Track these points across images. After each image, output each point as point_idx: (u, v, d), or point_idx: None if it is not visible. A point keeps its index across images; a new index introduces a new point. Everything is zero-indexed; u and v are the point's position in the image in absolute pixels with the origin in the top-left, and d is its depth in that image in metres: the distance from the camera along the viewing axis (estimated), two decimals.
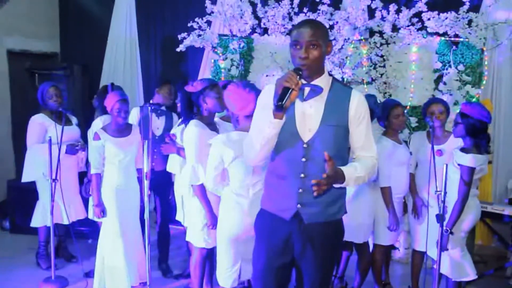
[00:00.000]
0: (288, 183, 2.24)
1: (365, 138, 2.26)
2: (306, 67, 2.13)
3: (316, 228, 2.26)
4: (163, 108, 4.28)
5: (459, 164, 3.22)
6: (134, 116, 4.23)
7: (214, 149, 2.92)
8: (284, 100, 2.03)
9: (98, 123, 4.12)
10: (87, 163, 4.44)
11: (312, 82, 2.20)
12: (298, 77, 2.07)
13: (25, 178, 4.43)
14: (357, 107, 2.21)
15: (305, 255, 2.30)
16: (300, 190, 2.21)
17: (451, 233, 3.22)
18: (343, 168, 2.13)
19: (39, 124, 4.32)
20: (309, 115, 2.20)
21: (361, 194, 3.64)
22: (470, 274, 3.43)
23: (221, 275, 3.06)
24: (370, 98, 3.68)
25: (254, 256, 2.45)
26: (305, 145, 2.19)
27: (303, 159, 2.19)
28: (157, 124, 4.30)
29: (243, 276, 3.08)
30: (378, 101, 3.72)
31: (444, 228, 3.17)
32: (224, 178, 3.01)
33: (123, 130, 3.79)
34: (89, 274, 4.12)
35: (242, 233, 2.91)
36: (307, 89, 2.20)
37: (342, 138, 2.24)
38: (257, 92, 2.80)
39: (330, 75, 2.30)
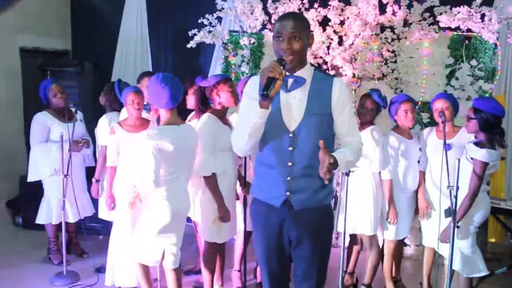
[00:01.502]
0: (276, 171, 2.32)
1: (349, 124, 2.34)
2: (290, 58, 2.19)
3: (307, 214, 2.34)
4: None
5: (472, 158, 3.18)
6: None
7: (148, 148, 2.98)
8: (269, 90, 2.09)
9: (104, 120, 4.14)
10: (94, 156, 4.47)
11: (295, 74, 2.28)
12: (281, 67, 2.13)
13: (31, 178, 4.47)
14: (339, 94, 2.29)
15: (301, 244, 2.38)
16: (289, 178, 2.29)
17: (457, 226, 3.19)
18: (334, 154, 2.19)
19: (42, 123, 4.33)
20: (293, 106, 2.28)
21: (369, 186, 3.64)
22: (481, 270, 3.39)
23: (141, 255, 3.22)
24: (374, 92, 3.68)
25: (255, 242, 2.54)
26: (291, 135, 2.27)
27: (290, 148, 2.28)
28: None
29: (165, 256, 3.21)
30: (383, 95, 3.70)
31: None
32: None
33: (139, 125, 3.78)
34: (100, 270, 4.15)
35: (169, 219, 3.10)
36: (290, 81, 2.28)
37: (327, 126, 2.32)
38: (175, 87, 3.02)
39: (312, 65, 2.38)
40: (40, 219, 4.47)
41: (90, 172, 4.49)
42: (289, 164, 2.28)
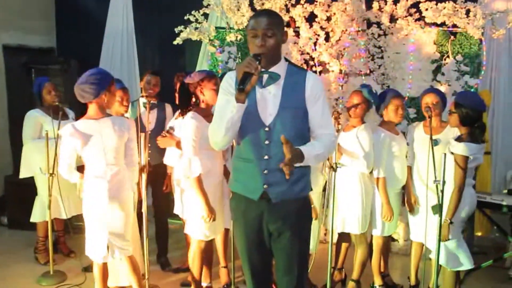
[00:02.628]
0: (253, 165, 2.36)
1: (321, 116, 2.37)
2: (264, 55, 2.23)
3: (285, 206, 2.37)
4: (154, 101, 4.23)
5: (452, 153, 3.21)
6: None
7: (66, 139, 3.15)
8: (245, 84, 2.12)
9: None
10: None
11: (270, 70, 2.32)
12: (257, 62, 2.15)
13: (23, 174, 4.45)
14: (312, 87, 2.34)
15: (280, 237, 2.41)
16: (265, 171, 2.34)
17: (451, 222, 3.22)
18: (301, 147, 2.23)
19: (35, 120, 4.32)
20: (269, 100, 2.33)
21: (357, 185, 3.64)
22: (467, 263, 3.42)
23: (90, 250, 3.26)
24: (364, 87, 3.68)
25: (236, 236, 2.58)
26: (266, 129, 2.32)
27: (266, 142, 2.32)
28: (149, 117, 4.24)
29: (111, 249, 3.25)
30: (374, 91, 3.70)
31: (444, 218, 3.17)
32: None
33: None
34: (88, 269, 4.11)
35: (105, 210, 3.19)
36: (265, 76, 2.32)
37: (301, 119, 2.36)
38: (96, 83, 3.08)
39: (287, 60, 2.42)
40: (34, 217, 4.44)
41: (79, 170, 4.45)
42: (266, 157, 2.33)
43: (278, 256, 2.47)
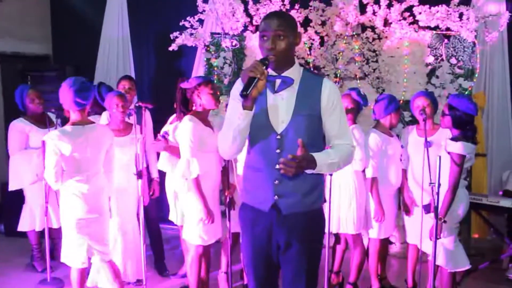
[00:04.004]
0: (264, 175, 2.25)
1: (339, 127, 2.26)
2: (274, 58, 2.14)
3: (296, 218, 2.25)
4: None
5: (449, 152, 3.24)
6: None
7: (50, 145, 3.14)
8: (249, 90, 2.03)
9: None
10: None
11: (283, 74, 2.21)
12: (264, 66, 2.07)
13: (12, 186, 4.40)
14: (329, 95, 2.22)
15: (289, 248, 2.29)
16: (276, 182, 2.21)
17: (444, 221, 3.24)
18: (315, 154, 2.13)
19: (19, 131, 4.26)
20: (281, 107, 2.21)
21: (350, 185, 3.67)
22: (464, 263, 3.44)
23: (68, 256, 3.30)
24: (353, 90, 3.73)
25: (242, 247, 2.47)
26: (278, 137, 2.21)
27: (278, 151, 2.20)
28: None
29: (90, 253, 3.29)
30: (362, 93, 3.75)
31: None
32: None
33: (123, 129, 3.79)
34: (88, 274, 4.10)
35: (84, 215, 3.21)
36: (278, 81, 2.21)
37: (315, 128, 2.25)
38: (80, 90, 3.14)
39: (301, 65, 2.32)
40: (22, 227, 4.41)
41: None
42: (277, 167, 2.16)
43: (285, 269, 2.34)
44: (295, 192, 2.22)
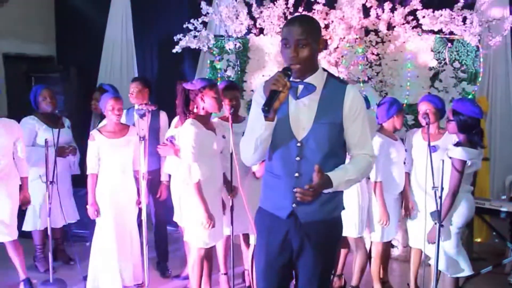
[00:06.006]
0: (283, 182, 2.22)
1: (360, 135, 2.21)
2: (297, 68, 2.11)
3: (313, 226, 2.23)
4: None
5: (450, 157, 3.24)
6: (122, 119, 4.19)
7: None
8: (271, 104, 2.01)
9: None
10: (81, 166, 4.43)
11: (305, 80, 2.17)
12: (286, 78, 2.04)
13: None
14: (352, 103, 2.17)
15: (303, 253, 2.27)
16: (295, 190, 2.15)
17: (442, 225, 3.23)
18: (331, 173, 2.11)
19: (29, 127, 4.27)
20: (302, 113, 2.17)
21: (353, 188, 3.64)
22: (465, 270, 3.42)
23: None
24: None
25: (256, 254, 2.45)
26: (298, 144, 2.17)
27: (297, 158, 2.17)
28: (141, 125, 4.23)
29: None
30: (364, 95, 3.76)
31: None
32: None
33: (118, 131, 3.80)
34: (87, 277, 4.11)
35: None
36: (300, 87, 2.18)
37: (337, 136, 2.20)
38: None
39: (325, 70, 2.26)
40: (26, 226, 4.42)
41: (75, 180, 4.46)
42: (296, 174, 2.17)
43: (300, 272, 2.32)
44: (314, 200, 2.16)
